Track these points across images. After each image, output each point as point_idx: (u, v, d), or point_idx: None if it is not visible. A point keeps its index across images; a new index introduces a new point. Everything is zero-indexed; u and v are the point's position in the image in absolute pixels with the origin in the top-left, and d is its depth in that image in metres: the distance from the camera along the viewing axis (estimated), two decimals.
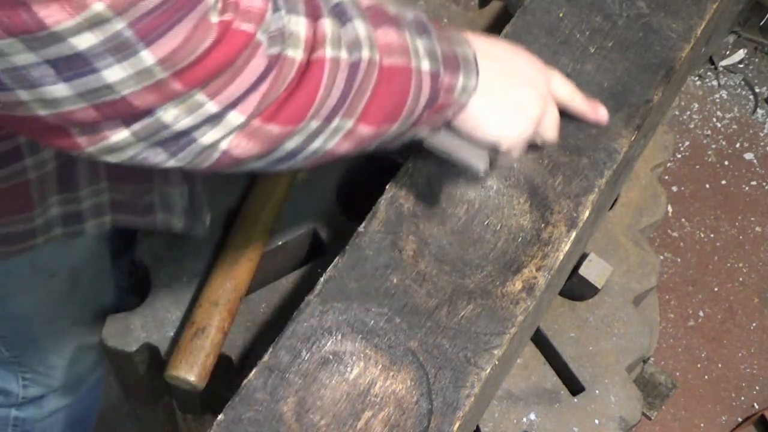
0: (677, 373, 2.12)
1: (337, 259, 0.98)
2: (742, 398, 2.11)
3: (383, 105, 0.78)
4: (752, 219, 2.36)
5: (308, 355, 0.93)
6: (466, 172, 0.98)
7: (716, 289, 2.25)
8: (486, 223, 1.04)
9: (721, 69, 2.62)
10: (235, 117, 0.67)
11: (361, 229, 1.00)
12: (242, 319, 1.15)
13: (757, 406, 2.10)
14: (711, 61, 2.62)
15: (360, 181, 1.33)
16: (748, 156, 2.47)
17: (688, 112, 2.53)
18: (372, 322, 0.94)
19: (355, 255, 0.98)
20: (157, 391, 1.26)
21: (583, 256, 1.16)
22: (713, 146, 2.48)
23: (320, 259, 1.21)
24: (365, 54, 0.75)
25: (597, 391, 1.15)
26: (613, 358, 1.17)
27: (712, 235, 2.33)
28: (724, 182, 2.41)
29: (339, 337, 0.94)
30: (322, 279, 0.97)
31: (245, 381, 0.90)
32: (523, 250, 1.01)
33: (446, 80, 0.83)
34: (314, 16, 0.71)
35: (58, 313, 1.22)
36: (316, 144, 0.76)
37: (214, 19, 0.62)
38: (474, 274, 1.00)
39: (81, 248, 1.16)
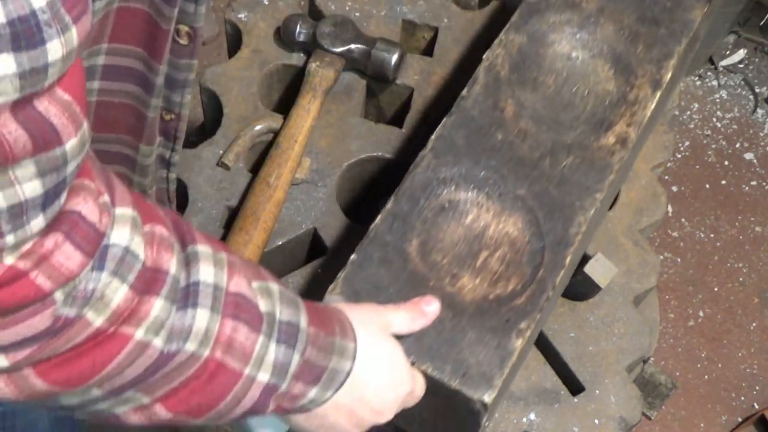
0: (677, 373, 2.12)
1: (444, 119, 1.09)
2: (742, 398, 2.11)
3: (189, 399, 0.72)
4: (752, 219, 2.36)
5: (426, 203, 1.03)
6: None
7: (716, 289, 2.25)
8: (574, 90, 1.15)
9: (721, 69, 2.62)
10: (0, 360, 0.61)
11: (464, 93, 1.11)
12: None
13: (757, 406, 2.10)
14: (711, 61, 2.62)
15: (360, 181, 1.33)
16: (748, 156, 2.47)
17: (688, 112, 2.53)
18: (482, 173, 1.05)
19: (462, 115, 1.09)
20: None
21: (588, 257, 1.16)
22: (713, 146, 2.48)
23: (320, 259, 1.21)
24: (189, 347, 0.68)
25: (597, 391, 1.15)
26: (613, 358, 1.17)
27: (712, 235, 2.33)
28: (724, 182, 2.41)
29: (453, 187, 1.05)
30: (433, 136, 1.07)
31: (372, 226, 1.00)
32: (611, 110, 1.12)
33: (291, 389, 0.77)
34: (144, 290, 0.65)
35: None
36: (100, 407, 0.70)
37: (8, 261, 0.56)
38: (569, 132, 1.10)
39: None
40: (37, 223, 0.57)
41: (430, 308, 0.92)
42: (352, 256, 0.98)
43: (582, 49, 1.17)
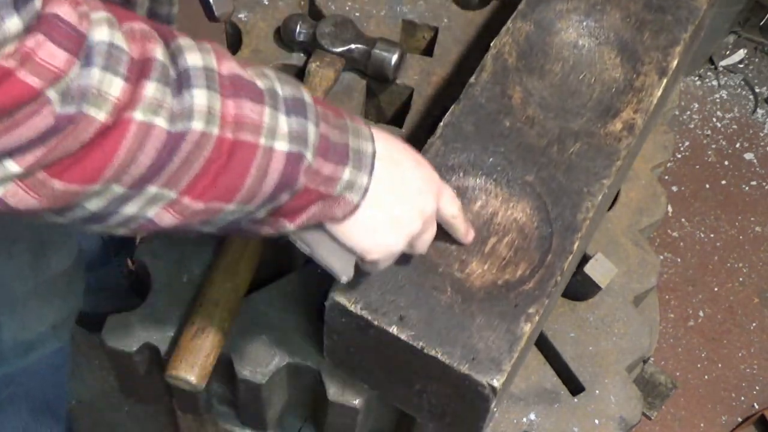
0: (677, 373, 2.11)
1: (453, 107, 1.09)
2: (742, 398, 2.11)
3: (215, 183, 0.72)
4: (752, 219, 2.36)
5: None
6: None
7: (716, 289, 2.25)
8: (581, 77, 1.16)
9: (721, 69, 2.62)
10: (11, 165, 0.63)
11: (472, 80, 1.12)
12: (242, 319, 1.15)
13: (757, 406, 2.10)
14: (711, 61, 2.62)
15: None
16: (748, 156, 2.47)
17: (688, 112, 2.53)
18: (490, 159, 1.06)
19: (470, 102, 1.10)
20: (157, 391, 1.26)
21: (588, 257, 1.16)
22: (713, 146, 2.47)
23: None
24: (196, 126, 0.69)
25: (597, 391, 1.15)
26: (613, 358, 1.17)
27: (712, 235, 2.32)
28: (724, 182, 2.41)
29: (461, 173, 1.06)
30: (441, 123, 1.08)
31: None
32: (618, 97, 1.14)
33: (321, 168, 0.78)
34: (137, 78, 0.66)
35: (16, 278, 1.19)
36: (129, 210, 0.71)
37: None
38: (576, 119, 1.12)
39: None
40: (13, 23, 0.57)
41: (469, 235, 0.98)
42: None
43: (589, 37, 1.18)
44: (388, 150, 0.86)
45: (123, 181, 0.68)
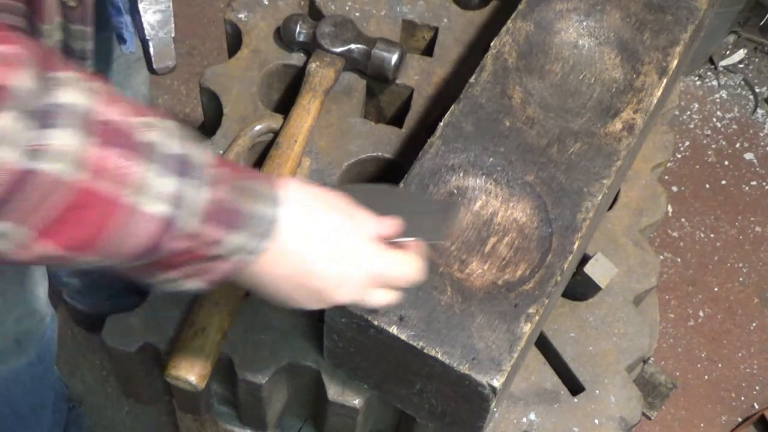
0: (677, 373, 2.12)
1: (453, 107, 1.10)
2: (742, 398, 2.11)
3: (74, 231, 0.67)
4: (752, 219, 2.36)
5: (435, 189, 1.05)
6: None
7: (716, 289, 2.25)
8: (581, 77, 1.16)
9: (721, 69, 2.62)
10: None
11: (472, 80, 1.12)
12: (242, 319, 1.15)
13: (757, 406, 2.10)
14: (711, 61, 2.62)
15: (360, 181, 1.33)
16: (748, 156, 2.47)
17: (688, 112, 2.53)
18: (490, 159, 1.06)
19: (470, 102, 1.10)
20: (157, 391, 1.26)
21: (588, 257, 1.16)
22: (713, 146, 2.47)
23: None
24: (53, 167, 0.63)
25: (597, 391, 1.15)
26: (613, 358, 1.17)
27: (712, 235, 2.32)
28: (724, 182, 2.41)
29: (461, 173, 1.06)
30: (441, 123, 1.08)
31: None
32: (618, 97, 1.14)
33: (206, 233, 0.73)
34: None
35: None
36: None
37: None
38: (576, 119, 1.12)
39: None
40: None
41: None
42: None
43: (589, 37, 1.19)
44: (304, 221, 0.80)
45: None
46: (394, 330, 0.94)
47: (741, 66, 2.63)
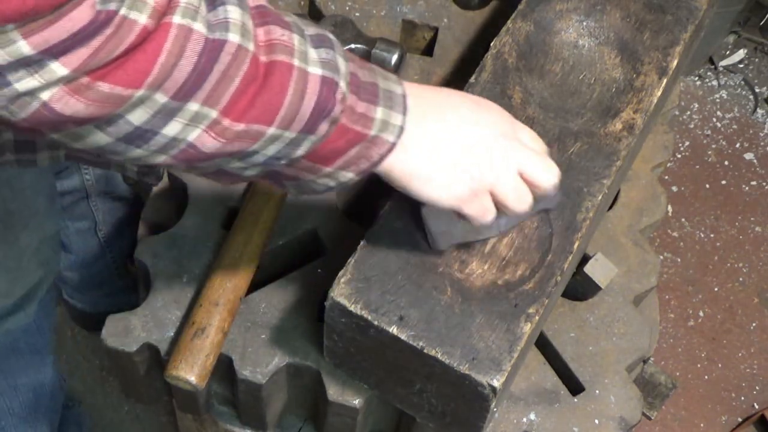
0: (677, 373, 2.11)
1: None
2: (742, 398, 2.11)
3: (254, 102, 0.73)
4: (752, 219, 2.36)
5: None
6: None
7: (716, 289, 2.25)
8: (581, 77, 1.16)
9: (721, 69, 2.62)
10: (58, 68, 0.63)
11: (472, 80, 1.12)
12: (242, 319, 1.15)
13: (757, 406, 2.10)
14: (711, 61, 2.61)
15: (360, 181, 1.33)
16: (748, 156, 2.47)
17: (688, 112, 2.53)
18: None
19: None
20: (157, 391, 1.26)
21: (588, 257, 1.16)
22: (713, 146, 2.47)
23: (320, 259, 1.21)
24: (233, 37, 0.70)
25: (597, 391, 1.15)
26: (613, 358, 1.17)
27: (712, 235, 2.32)
28: (724, 182, 2.41)
29: None
30: None
31: (381, 212, 1.01)
32: (618, 97, 1.14)
33: (355, 104, 0.79)
34: None
35: None
36: (171, 130, 0.71)
37: None
38: (576, 119, 1.12)
39: (18, 188, 1.15)
40: None
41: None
42: (362, 242, 0.99)
43: (589, 37, 1.18)
44: (426, 97, 0.86)
45: (166, 88, 0.68)
46: (394, 330, 0.94)
47: (741, 66, 2.63)
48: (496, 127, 0.90)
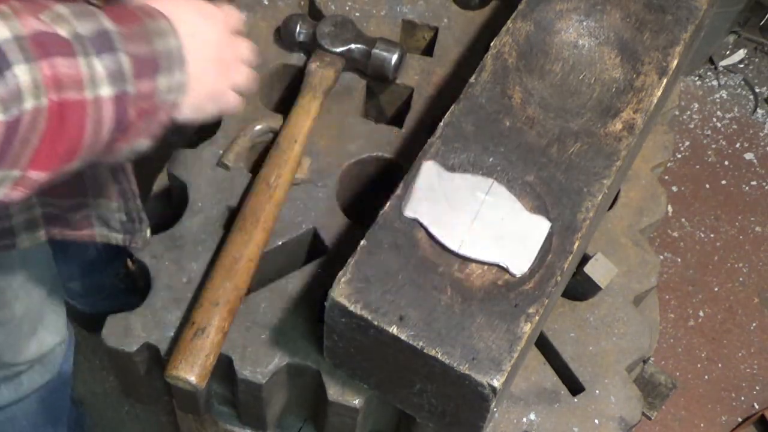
0: (677, 373, 2.11)
1: (453, 107, 1.10)
2: (742, 398, 2.11)
3: (55, 150, 0.72)
4: (752, 219, 2.36)
5: None
6: None
7: (716, 289, 2.25)
8: (581, 77, 1.16)
9: (721, 69, 2.62)
10: None
11: (472, 80, 1.12)
12: (242, 319, 1.15)
13: (757, 406, 2.10)
14: (711, 61, 2.61)
15: (360, 181, 1.33)
16: (748, 156, 2.47)
17: (688, 112, 2.53)
18: (490, 159, 1.06)
19: (470, 102, 1.10)
20: (157, 391, 1.26)
21: (588, 257, 1.16)
22: (713, 146, 2.47)
23: (320, 259, 1.21)
24: (28, 104, 0.68)
25: (597, 391, 1.15)
26: (613, 358, 1.17)
27: (712, 235, 2.32)
28: (724, 182, 2.41)
29: (462, 173, 1.05)
30: (441, 123, 1.09)
31: (381, 212, 1.02)
32: (618, 97, 1.14)
33: (144, 89, 0.79)
34: None
35: None
36: None
37: None
38: (576, 119, 1.12)
39: (12, 266, 1.16)
40: None
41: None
42: (362, 242, 0.99)
43: (589, 37, 1.18)
44: (189, 24, 0.86)
45: None
46: (394, 330, 0.94)
47: (741, 66, 2.63)
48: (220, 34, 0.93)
